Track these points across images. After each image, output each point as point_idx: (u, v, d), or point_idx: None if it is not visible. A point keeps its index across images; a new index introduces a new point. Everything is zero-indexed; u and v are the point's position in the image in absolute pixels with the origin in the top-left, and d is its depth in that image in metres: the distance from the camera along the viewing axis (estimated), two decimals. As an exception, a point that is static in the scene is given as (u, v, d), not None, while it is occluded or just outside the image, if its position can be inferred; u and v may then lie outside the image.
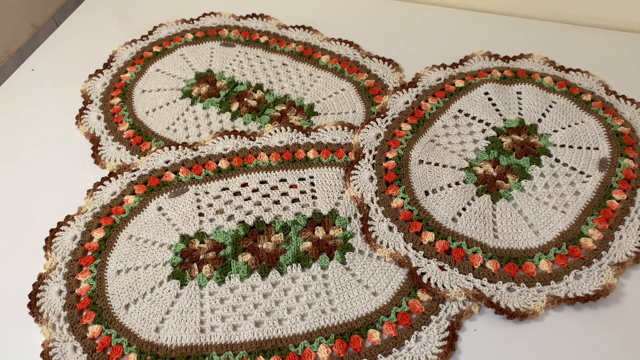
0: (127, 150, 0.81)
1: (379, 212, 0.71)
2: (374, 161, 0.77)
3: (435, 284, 0.64)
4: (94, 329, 0.62)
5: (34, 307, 0.64)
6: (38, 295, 0.65)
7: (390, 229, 0.69)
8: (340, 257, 0.67)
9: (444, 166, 0.76)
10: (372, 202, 0.72)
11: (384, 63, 0.92)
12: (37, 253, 0.70)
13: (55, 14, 1.22)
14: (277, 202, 0.73)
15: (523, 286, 0.64)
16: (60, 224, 0.72)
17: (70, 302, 0.65)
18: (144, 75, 0.93)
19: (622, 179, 0.73)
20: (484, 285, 0.64)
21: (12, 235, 0.73)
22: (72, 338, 0.62)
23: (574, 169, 0.75)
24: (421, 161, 0.76)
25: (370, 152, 0.78)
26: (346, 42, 0.97)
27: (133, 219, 0.72)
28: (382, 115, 0.83)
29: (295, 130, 0.81)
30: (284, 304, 0.64)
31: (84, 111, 0.87)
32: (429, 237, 0.68)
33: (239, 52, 0.96)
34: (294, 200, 0.74)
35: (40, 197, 0.77)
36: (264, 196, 0.74)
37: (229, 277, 0.66)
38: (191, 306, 0.64)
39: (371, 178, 0.75)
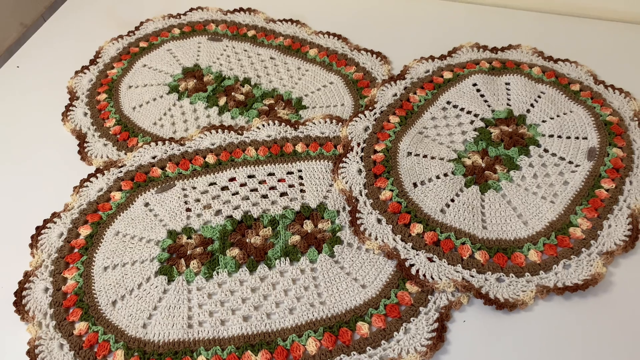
0: (113, 146, 0.81)
1: (368, 204, 0.70)
2: (362, 154, 0.76)
3: (424, 275, 0.64)
4: (80, 326, 0.62)
5: (20, 304, 0.64)
6: (24, 293, 0.65)
7: (379, 221, 0.69)
8: (329, 250, 0.67)
9: (432, 158, 0.75)
10: (361, 195, 0.72)
11: (372, 56, 0.92)
12: (23, 250, 0.69)
13: (45, 12, 1.21)
14: (265, 196, 0.73)
15: (512, 276, 0.63)
16: (46, 221, 0.71)
17: (56, 300, 0.64)
18: (130, 71, 0.92)
19: (611, 168, 0.73)
20: (472, 276, 0.63)
21: (-3, 233, 0.72)
22: (58, 336, 0.61)
23: (562, 158, 0.75)
24: (409, 153, 0.76)
25: (358, 144, 0.77)
26: (334, 35, 0.96)
27: (120, 215, 0.72)
28: (370, 108, 0.82)
29: (283, 124, 0.81)
30: (272, 298, 0.64)
31: (70, 107, 0.87)
32: (417, 228, 0.67)
33: (227, 46, 0.95)
34: (282, 194, 0.73)
35: (26, 194, 0.76)
36: (252, 190, 0.74)
37: (217, 272, 0.66)
38: (179, 302, 0.64)
39: (359, 171, 0.74)
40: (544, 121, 0.79)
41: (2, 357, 0.61)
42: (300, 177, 0.75)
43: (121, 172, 0.76)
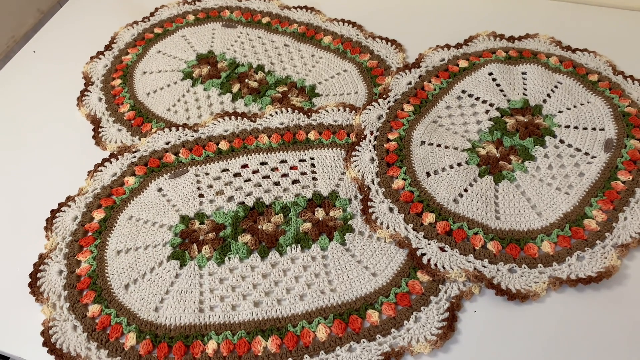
0: (127, 131, 0.81)
1: (380, 193, 0.70)
2: (375, 142, 0.76)
3: (435, 264, 0.63)
4: (93, 309, 0.63)
5: (34, 286, 0.65)
6: (39, 275, 0.66)
7: (391, 210, 0.69)
8: (340, 238, 0.67)
9: (446, 147, 0.75)
10: (373, 184, 0.71)
11: (387, 43, 0.91)
12: (38, 233, 0.70)
13: (61, -1, 1.22)
14: (277, 184, 0.73)
15: (524, 267, 0.63)
16: (60, 205, 0.72)
17: (70, 282, 0.65)
18: (145, 57, 0.92)
19: (628, 160, 0.72)
20: (484, 267, 0.63)
21: (13, 215, 0.73)
22: (72, 317, 0.62)
23: (578, 150, 0.74)
24: (423, 142, 0.75)
25: (371, 133, 0.77)
26: (349, 22, 0.95)
27: (133, 200, 0.72)
28: (384, 96, 0.82)
29: (296, 111, 0.80)
30: (283, 285, 0.64)
31: (85, 93, 0.87)
32: (429, 218, 0.67)
33: (241, 33, 0.95)
34: (294, 182, 0.73)
35: (41, 178, 0.77)
36: (264, 177, 0.74)
37: (229, 258, 0.66)
38: (190, 286, 0.64)
39: (372, 159, 0.74)
40: (560, 112, 0.78)
41: (17, 337, 0.62)
42: (313, 165, 0.75)
43: (135, 157, 0.76)
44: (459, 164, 0.73)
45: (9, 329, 0.63)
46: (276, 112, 0.80)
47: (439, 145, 0.75)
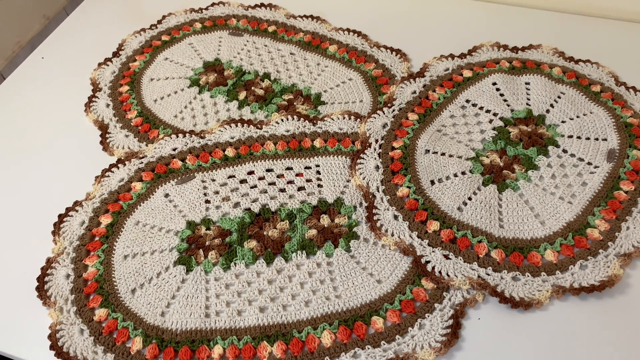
0: (135, 137, 0.82)
1: (385, 200, 0.71)
2: (380, 150, 0.77)
3: (440, 272, 0.64)
4: (100, 313, 0.63)
5: (42, 290, 0.65)
6: (46, 279, 0.66)
7: (396, 217, 0.69)
8: (345, 245, 0.68)
9: (450, 156, 0.76)
10: (378, 191, 0.72)
11: (391, 53, 0.92)
12: (46, 238, 0.71)
13: (67, 5, 1.23)
14: (283, 190, 0.74)
15: (528, 276, 0.63)
16: (68, 210, 0.73)
17: (77, 286, 0.65)
18: (152, 64, 0.93)
19: (630, 170, 0.72)
20: (488, 274, 0.64)
21: (21, 220, 0.74)
22: (79, 321, 0.63)
23: (581, 159, 0.74)
24: (427, 151, 0.76)
25: (376, 141, 0.78)
26: (354, 31, 0.96)
27: (140, 205, 0.73)
28: (389, 105, 0.82)
29: (302, 119, 0.81)
30: (288, 290, 0.64)
31: (93, 99, 0.88)
32: (434, 226, 0.68)
33: (247, 41, 0.96)
34: (300, 189, 0.74)
35: (49, 183, 0.78)
36: (270, 184, 0.74)
37: (235, 264, 0.67)
38: (197, 291, 0.65)
39: (377, 167, 0.75)
40: (563, 122, 0.79)
41: (24, 341, 0.63)
42: (318, 172, 0.75)
43: (142, 163, 0.77)
44: (463, 173, 0.73)
45: (16, 332, 0.63)
46: (282, 120, 0.81)
47: (443, 154, 0.76)
